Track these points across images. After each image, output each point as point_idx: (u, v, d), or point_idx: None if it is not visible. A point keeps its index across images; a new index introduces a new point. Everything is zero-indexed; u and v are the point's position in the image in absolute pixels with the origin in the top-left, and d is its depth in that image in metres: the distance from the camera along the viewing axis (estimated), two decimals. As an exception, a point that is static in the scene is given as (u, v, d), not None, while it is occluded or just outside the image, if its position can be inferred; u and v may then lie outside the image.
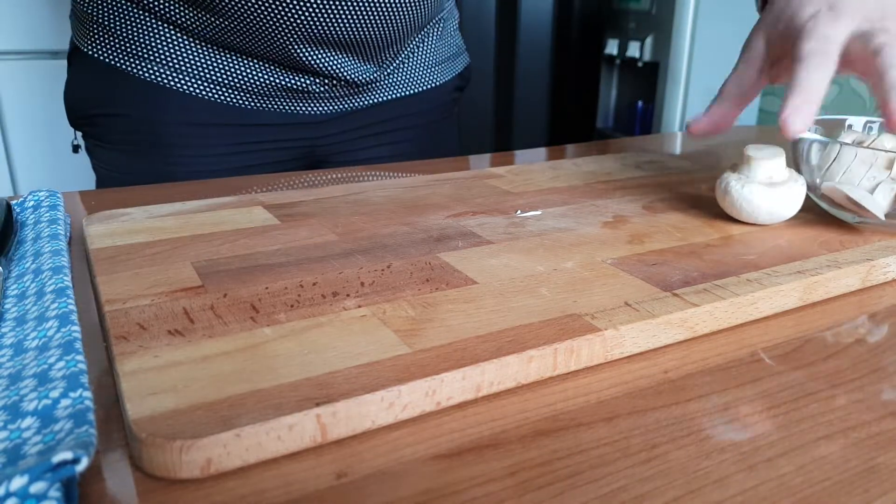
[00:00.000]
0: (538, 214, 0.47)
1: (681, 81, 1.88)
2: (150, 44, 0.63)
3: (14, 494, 0.20)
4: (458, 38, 0.82)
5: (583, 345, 0.30)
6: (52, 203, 0.47)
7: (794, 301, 0.37)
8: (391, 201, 0.50)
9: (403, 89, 0.74)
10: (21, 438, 0.24)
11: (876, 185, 0.44)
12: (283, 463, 0.25)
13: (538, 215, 0.47)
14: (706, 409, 0.29)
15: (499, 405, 0.28)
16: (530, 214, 0.47)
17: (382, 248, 0.40)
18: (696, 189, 0.55)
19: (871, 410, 0.29)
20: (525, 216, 0.47)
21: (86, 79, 0.67)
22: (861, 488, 0.24)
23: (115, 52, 0.64)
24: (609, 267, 0.38)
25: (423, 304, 0.33)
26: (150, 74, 0.63)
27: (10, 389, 0.27)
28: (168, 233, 0.42)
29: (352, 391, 0.26)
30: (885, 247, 0.43)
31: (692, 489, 0.24)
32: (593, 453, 0.26)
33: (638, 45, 1.97)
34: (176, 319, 0.31)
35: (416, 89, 0.75)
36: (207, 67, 0.64)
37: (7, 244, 0.40)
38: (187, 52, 0.63)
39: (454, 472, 0.24)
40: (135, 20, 0.62)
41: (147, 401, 0.25)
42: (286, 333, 0.30)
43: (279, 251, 0.40)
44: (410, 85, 0.74)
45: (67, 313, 0.32)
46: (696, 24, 1.82)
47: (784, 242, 0.43)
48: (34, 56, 1.55)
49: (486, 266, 0.38)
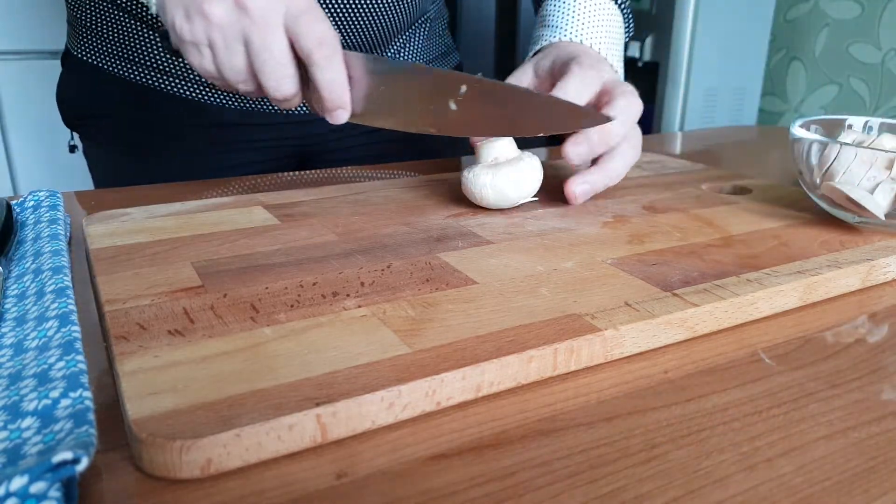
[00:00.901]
0: (538, 213, 0.48)
1: (681, 81, 1.88)
2: (137, 47, 0.64)
3: (14, 494, 0.20)
4: (448, 38, 0.82)
5: (583, 345, 0.30)
6: (52, 203, 0.47)
7: (794, 301, 0.37)
8: (391, 201, 0.50)
9: None
10: (21, 438, 0.24)
11: (876, 185, 0.44)
12: (283, 463, 0.25)
13: (538, 214, 0.47)
14: (706, 409, 0.29)
15: (499, 405, 0.28)
16: (530, 215, 0.47)
17: (382, 248, 0.40)
18: (697, 189, 0.55)
19: (871, 410, 0.29)
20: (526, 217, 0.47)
21: (76, 81, 0.68)
22: (861, 488, 0.24)
23: (103, 56, 0.65)
24: (609, 267, 0.38)
25: (423, 304, 0.33)
26: (136, 76, 0.64)
27: (10, 389, 0.27)
28: (168, 233, 0.42)
29: (352, 391, 0.26)
30: (885, 247, 0.43)
31: (692, 489, 0.24)
32: (593, 453, 0.26)
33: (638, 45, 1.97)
34: (176, 319, 0.31)
35: None
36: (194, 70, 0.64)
37: (7, 244, 0.40)
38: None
39: (454, 472, 0.24)
40: (121, 25, 0.63)
41: (147, 401, 0.25)
42: (286, 333, 0.30)
43: (279, 251, 0.40)
44: None
45: (67, 313, 0.32)
46: (696, 24, 1.82)
47: (784, 242, 0.43)
48: (34, 56, 1.55)
49: (486, 266, 0.38)
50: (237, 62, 0.43)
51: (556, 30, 0.55)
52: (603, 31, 0.56)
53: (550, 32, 0.55)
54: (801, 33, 2.04)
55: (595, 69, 0.48)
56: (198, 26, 0.42)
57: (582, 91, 0.47)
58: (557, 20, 0.55)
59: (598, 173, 0.48)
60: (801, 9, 2.03)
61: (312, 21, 0.42)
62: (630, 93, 0.48)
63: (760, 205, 0.51)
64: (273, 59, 0.42)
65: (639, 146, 0.50)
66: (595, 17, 0.55)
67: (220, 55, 0.43)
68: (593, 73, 0.48)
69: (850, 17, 1.91)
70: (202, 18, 0.42)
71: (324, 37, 0.42)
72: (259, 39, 0.42)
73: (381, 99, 0.46)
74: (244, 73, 0.44)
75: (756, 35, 1.93)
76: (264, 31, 0.42)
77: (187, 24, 0.42)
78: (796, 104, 2.10)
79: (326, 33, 0.42)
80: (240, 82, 0.44)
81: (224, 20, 0.42)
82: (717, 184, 0.57)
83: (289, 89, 0.44)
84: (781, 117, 2.15)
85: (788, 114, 2.13)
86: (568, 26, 0.55)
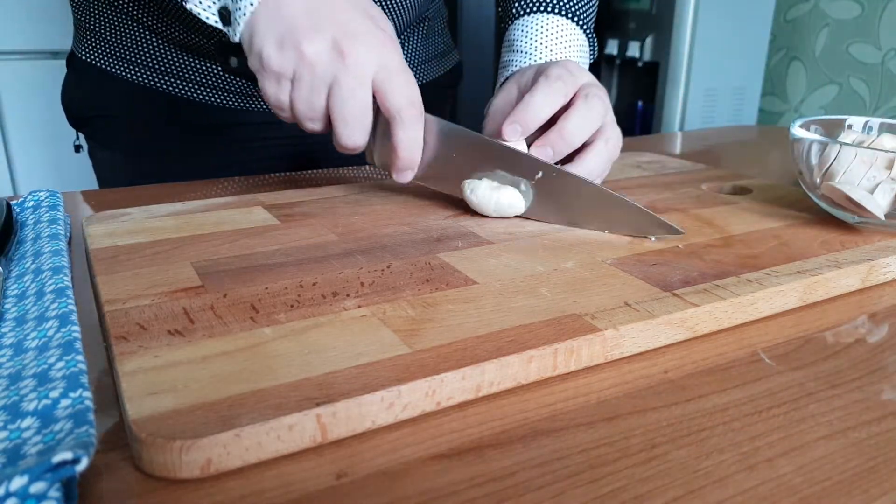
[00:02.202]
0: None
1: (681, 81, 1.88)
2: (139, 50, 0.64)
3: (14, 494, 0.20)
4: (447, 37, 0.82)
5: (583, 345, 0.30)
6: (52, 203, 0.47)
7: (794, 301, 0.37)
8: (391, 201, 0.50)
9: None
10: (21, 438, 0.24)
11: (876, 185, 0.44)
12: (282, 463, 0.25)
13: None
14: (706, 409, 0.29)
15: (499, 405, 0.28)
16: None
17: (382, 248, 0.40)
18: (697, 189, 0.55)
19: (871, 410, 0.29)
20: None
21: (80, 82, 0.69)
22: (861, 488, 0.24)
23: (107, 58, 0.66)
24: (609, 267, 0.38)
25: (423, 304, 0.33)
26: (139, 78, 0.65)
27: (10, 389, 0.27)
28: (168, 233, 0.42)
29: (352, 391, 0.26)
30: (885, 247, 0.43)
31: (692, 489, 0.24)
32: (593, 453, 0.26)
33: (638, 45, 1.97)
34: (176, 319, 0.31)
35: None
36: (193, 70, 0.65)
37: (7, 244, 0.40)
38: (173, 56, 0.65)
39: (454, 472, 0.24)
40: (125, 29, 0.64)
41: (147, 401, 0.25)
42: (286, 333, 0.30)
43: (279, 251, 0.40)
44: None
45: (67, 313, 0.32)
46: (696, 24, 1.82)
47: (784, 242, 0.43)
48: (34, 56, 1.56)
49: (486, 266, 0.38)
50: (317, 102, 0.43)
51: (525, 55, 0.57)
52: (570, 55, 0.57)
53: (521, 58, 0.57)
54: (801, 33, 2.04)
55: (562, 80, 0.49)
56: (288, 59, 0.42)
57: (544, 106, 0.48)
58: (525, 45, 0.57)
59: (575, 168, 0.49)
60: (801, 9, 2.03)
61: (405, 81, 0.43)
62: (591, 94, 0.49)
63: (760, 205, 0.51)
64: (356, 109, 0.43)
65: (616, 143, 0.51)
66: (562, 42, 0.57)
67: (301, 91, 0.43)
68: (559, 85, 0.48)
69: (850, 17, 1.91)
70: (296, 52, 0.42)
71: (413, 98, 0.44)
72: (348, 88, 0.42)
73: (446, 164, 0.47)
74: (319, 114, 0.44)
75: (756, 35, 1.94)
76: (355, 82, 0.42)
77: (277, 55, 0.42)
78: (796, 104, 2.10)
79: (415, 95, 0.44)
80: (309, 119, 0.44)
81: (318, 60, 0.42)
82: (717, 184, 0.57)
83: (361, 139, 0.45)
84: (781, 117, 2.15)
85: (788, 114, 2.13)
86: (536, 52, 0.56)
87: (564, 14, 0.57)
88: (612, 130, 0.51)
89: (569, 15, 0.58)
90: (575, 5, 0.58)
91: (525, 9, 0.58)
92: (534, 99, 0.48)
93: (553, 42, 0.56)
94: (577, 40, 0.58)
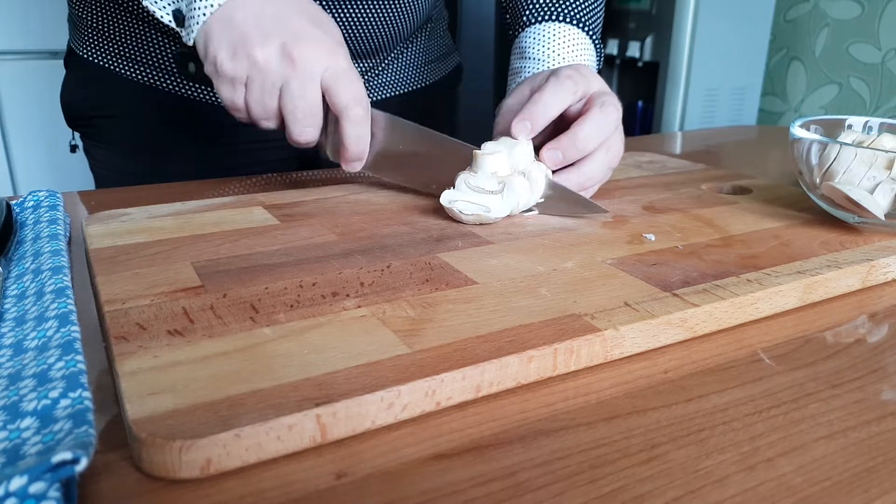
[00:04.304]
0: (535, 214, 0.48)
1: (681, 81, 1.88)
2: (140, 47, 0.64)
3: (14, 494, 0.20)
4: (448, 39, 0.82)
5: (583, 345, 0.30)
6: (52, 203, 0.47)
7: (794, 301, 0.37)
8: (391, 201, 0.50)
9: (392, 89, 0.74)
10: (20, 438, 0.24)
11: (876, 185, 0.44)
12: (282, 463, 0.25)
13: (535, 214, 0.48)
14: (706, 409, 0.29)
15: (499, 405, 0.28)
16: (529, 214, 0.47)
17: (382, 248, 0.40)
18: (696, 189, 0.55)
19: (871, 410, 0.29)
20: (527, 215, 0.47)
21: (80, 81, 0.69)
22: (861, 488, 0.24)
23: (108, 55, 0.65)
24: (609, 267, 0.38)
25: (422, 304, 0.33)
26: (140, 76, 0.65)
27: (9, 389, 0.27)
28: (168, 233, 0.42)
29: (352, 391, 0.26)
30: (885, 247, 0.42)
31: (692, 489, 0.24)
32: (593, 453, 0.26)
33: (638, 45, 1.97)
34: (176, 319, 0.31)
35: (404, 89, 0.75)
36: None
37: (7, 244, 0.40)
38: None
39: (454, 472, 0.24)
40: (125, 25, 0.64)
41: (147, 401, 0.25)
42: (286, 333, 0.30)
43: (279, 251, 0.40)
44: (399, 85, 0.75)
45: (67, 313, 0.32)
46: (696, 24, 1.82)
47: (784, 242, 0.43)
48: (34, 56, 1.55)
49: (486, 266, 0.38)
50: (270, 104, 0.46)
51: (538, 62, 0.58)
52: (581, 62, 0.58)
53: (533, 65, 0.58)
54: (801, 33, 2.04)
55: (572, 79, 0.50)
56: (241, 65, 0.45)
57: (553, 103, 0.49)
58: (537, 52, 0.58)
59: (574, 173, 0.50)
60: (801, 9, 2.03)
61: (351, 81, 0.46)
62: (608, 103, 0.50)
63: (760, 205, 0.51)
64: (307, 108, 0.46)
65: (617, 151, 0.52)
66: (573, 50, 0.58)
67: (254, 94, 0.46)
68: (569, 84, 0.50)
69: (850, 17, 1.91)
70: (248, 59, 0.45)
71: (359, 96, 0.46)
72: (298, 88, 0.45)
73: (395, 156, 0.51)
74: (272, 114, 0.47)
75: (756, 35, 1.93)
76: (304, 83, 0.45)
77: (230, 62, 0.45)
78: (796, 104, 2.10)
79: (361, 93, 0.46)
80: (264, 119, 0.47)
81: (269, 65, 0.45)
82: (717, 184, 0.57)
83: (312, 136, 0.47)
84: (781, 117, 2.15)
85: (788, 114, 2.13)
86: (548, 59, 0.58)
87: (574, 23, 0.59)
88: (617, 139, 0.51)
89: (578, 24, 0.59)
90: (584, 15, 0.59)
91: (535, 18, 0.59)
92: (543, 96, 0.49)
93: (564, 50, 0.58)
94: (587, 49, 0.59)
